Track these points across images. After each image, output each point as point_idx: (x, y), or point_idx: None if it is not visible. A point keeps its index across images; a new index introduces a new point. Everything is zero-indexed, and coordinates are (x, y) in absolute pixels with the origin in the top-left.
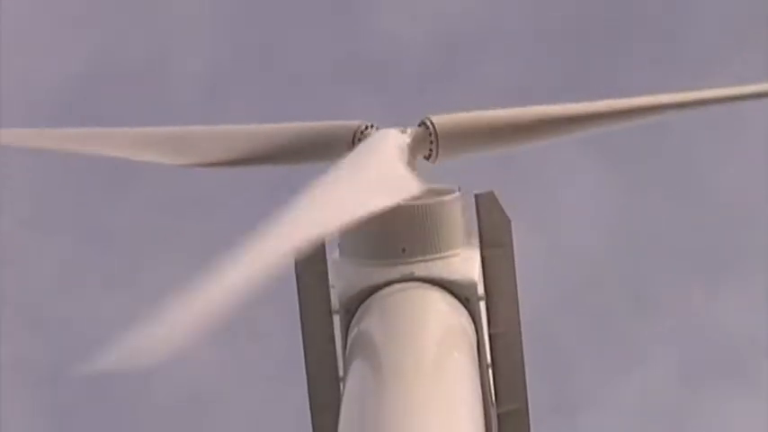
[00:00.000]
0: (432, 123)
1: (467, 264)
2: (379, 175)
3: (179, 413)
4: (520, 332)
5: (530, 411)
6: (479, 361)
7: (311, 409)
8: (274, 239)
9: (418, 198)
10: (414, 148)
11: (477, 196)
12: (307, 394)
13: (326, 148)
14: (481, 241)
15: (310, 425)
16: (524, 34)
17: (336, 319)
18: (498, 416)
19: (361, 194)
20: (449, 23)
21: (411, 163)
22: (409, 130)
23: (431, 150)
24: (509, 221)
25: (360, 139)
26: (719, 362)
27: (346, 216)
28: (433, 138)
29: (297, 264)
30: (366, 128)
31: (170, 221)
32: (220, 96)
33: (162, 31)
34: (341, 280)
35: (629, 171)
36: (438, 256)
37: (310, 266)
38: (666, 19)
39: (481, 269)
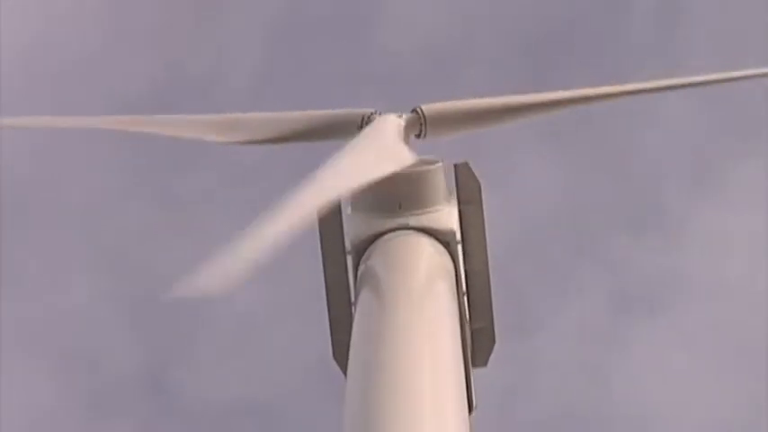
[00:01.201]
0: (422, 110)
1: (448, 216)
2: (380, 150)
3: (234, 333)
4: (488, 268)
5: (495, 328)
6: (457, 289)
7: (330, 327)
8: (303, 199)
9: (412, 167)
10: (407, 129)
11: (455, 165)
12: (327, 316)
13: (343, 129)
14: (458, 199)
15: (330, 340)
16: (499, 48)
17: (349, 259)
18: (471, 331)
19: (367, 165)
20: (438, 37)
21: (405, 140)
22: (404, 116)
23: (421, 130)
24: (479, 184)
25: (367, 123)
26: (639, 295)
27: (357, 181)
28: (422, 120)
29: (319, 217)
30: (371, 114)
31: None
32: (265, 91)
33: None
34: (353, 228)
35: (569, 149)
36: (426, 210)
37: (329, 219)
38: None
39: (458, 220)
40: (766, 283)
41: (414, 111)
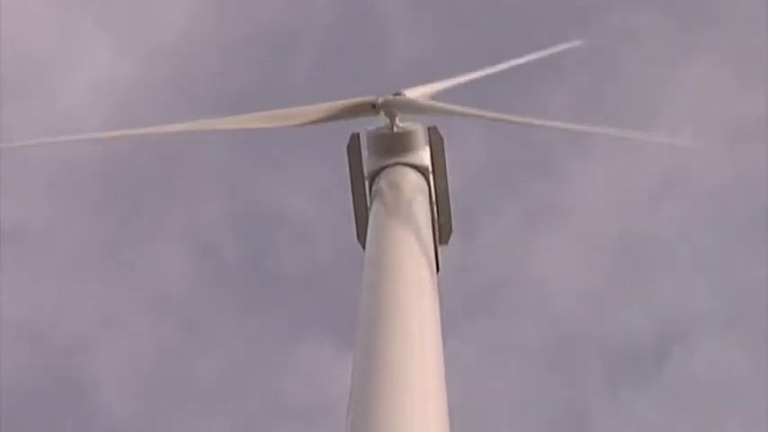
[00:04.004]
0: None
1: (424, 157)
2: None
3: (301, 232)
4: (447, 189)
5: (452, 223)
6: (429, 200)
7: (356, 222)
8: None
9: (403, 128)
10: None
11: (428, 128)
12: (353, 217)
13: (358, 111)
14: (430, 147)
15: (356, 236)
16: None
17: (367, 182)
18: (438, 225)
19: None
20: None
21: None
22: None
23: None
24: (442, 139)
25: (375, 106)
26: (540, 212)
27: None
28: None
29: (349, 156)
30: (376, 99)
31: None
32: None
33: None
34: (368, 164)
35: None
36: (412, 153)
37: (354, 157)
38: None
39: (430, 160)
40: (616, 203)
41: (396, 93)
